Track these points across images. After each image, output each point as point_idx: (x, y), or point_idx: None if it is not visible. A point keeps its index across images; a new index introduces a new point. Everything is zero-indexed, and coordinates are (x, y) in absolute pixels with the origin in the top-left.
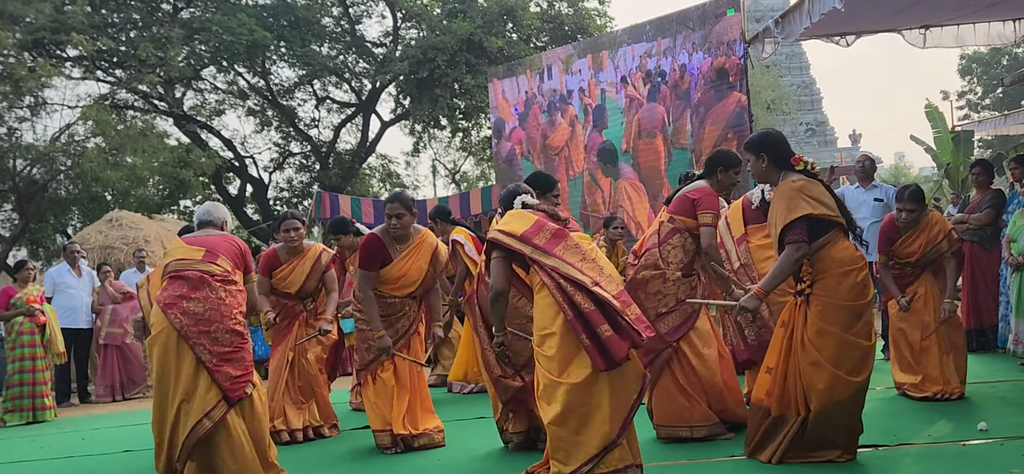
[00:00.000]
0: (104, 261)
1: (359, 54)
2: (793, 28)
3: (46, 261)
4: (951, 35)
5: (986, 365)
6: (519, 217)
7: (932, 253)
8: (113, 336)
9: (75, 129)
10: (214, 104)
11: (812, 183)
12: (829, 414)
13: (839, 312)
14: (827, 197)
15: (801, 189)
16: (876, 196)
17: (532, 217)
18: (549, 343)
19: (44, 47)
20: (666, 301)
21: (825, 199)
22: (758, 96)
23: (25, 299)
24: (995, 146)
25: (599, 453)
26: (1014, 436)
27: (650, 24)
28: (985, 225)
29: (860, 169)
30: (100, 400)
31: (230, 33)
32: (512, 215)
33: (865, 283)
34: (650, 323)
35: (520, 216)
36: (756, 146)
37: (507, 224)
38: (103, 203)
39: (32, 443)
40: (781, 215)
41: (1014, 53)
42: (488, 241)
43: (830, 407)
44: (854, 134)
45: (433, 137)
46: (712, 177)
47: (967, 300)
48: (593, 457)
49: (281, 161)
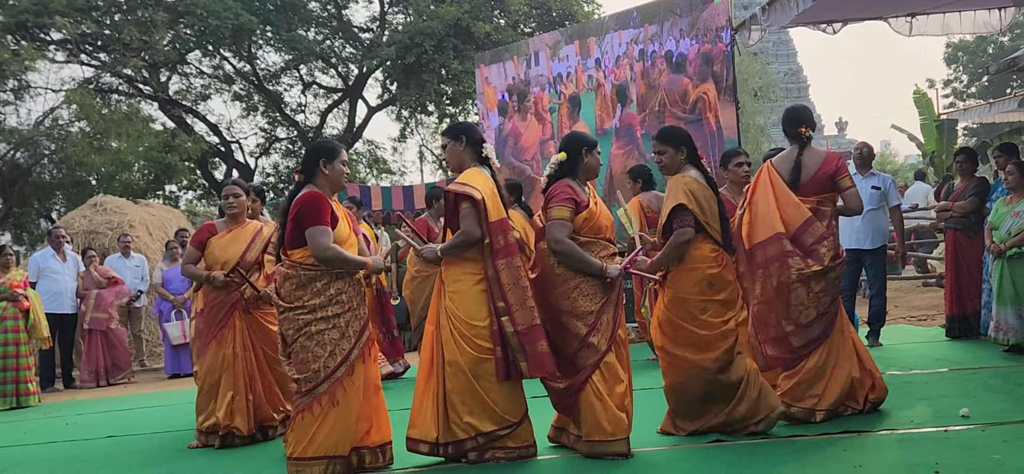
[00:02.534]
0: (89, 246)
1: (346, 39)
2: (781, 15)
3: (30, 246)
4: (937, 23)
5: (968, 351)
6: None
7: None
8: (98, 321)
9: (59, 113)
10: (199, 89)
11: (704, 187)
12: (684, 387)
13: (682, 303)
14: (708, 202)
15: (688, 185)
16: (874, 184)
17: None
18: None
19: (27, 30)
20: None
21: (705, 203)
22: (745, 84)
23: (8, 284)
24: (980, 134)
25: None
26: (995, 422)
27: (637, 10)
28: (969, 213)
29: (858, 156)
30: (84, 385)
31: (215, 17)
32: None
33: (712, 280)
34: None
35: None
36: (677, 139)
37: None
38: (87, 188)
39: (15, 428)
40: (670, 202)
41: (1000, 41)
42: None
43: (683, 381)
44: (841, 122)
45: (420, 123)
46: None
47: (950, 287)
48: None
49: (267, 146)
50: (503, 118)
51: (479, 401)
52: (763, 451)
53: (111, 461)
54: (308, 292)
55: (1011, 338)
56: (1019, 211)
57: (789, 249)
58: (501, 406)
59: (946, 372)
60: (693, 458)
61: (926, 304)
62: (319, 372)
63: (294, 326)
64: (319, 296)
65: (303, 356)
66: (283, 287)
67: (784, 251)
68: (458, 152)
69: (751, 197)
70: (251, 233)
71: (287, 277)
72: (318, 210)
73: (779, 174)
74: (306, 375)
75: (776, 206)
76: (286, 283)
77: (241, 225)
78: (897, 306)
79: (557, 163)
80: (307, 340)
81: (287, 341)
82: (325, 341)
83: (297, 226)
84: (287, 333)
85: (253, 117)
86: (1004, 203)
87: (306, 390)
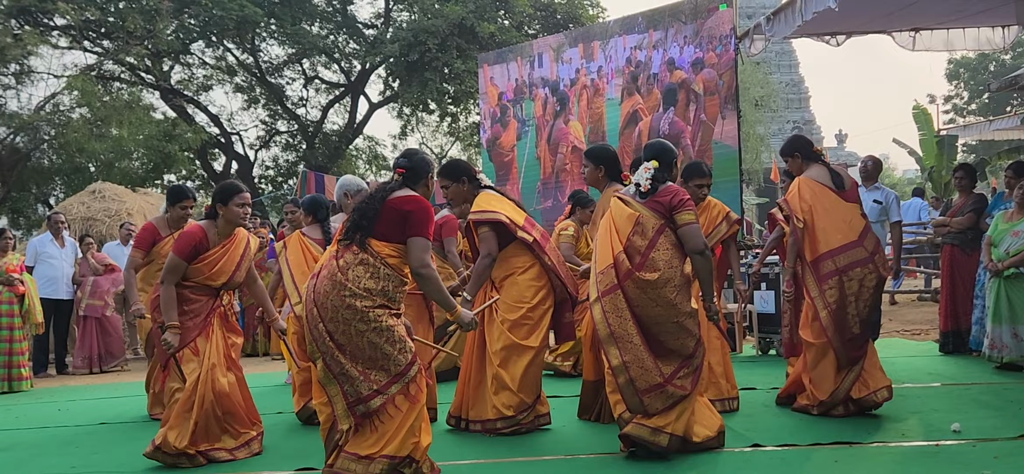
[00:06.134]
0: (86, 233)
1: (350, 35)
2: (785, 26)
3: (27, 231)
4: (941, 39)
5: (961, 367)
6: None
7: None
8: (93, 308)
9: (60, 99)
10: (202, 79)
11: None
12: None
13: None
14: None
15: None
16: (875, 198)
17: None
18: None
19: (31, 15)
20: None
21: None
22: (746, 93)
23: (4, 268)
24: (979, 151)
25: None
26: (987, 438)
27: (642, 16)
28: (966, 229)
29: (863, 169)
30: (77, 371)
31: (220, 8)
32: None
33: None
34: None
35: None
36: (597, 157)
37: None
38: (86, 174)
39: (7, 413)
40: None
41: (1001, 59)
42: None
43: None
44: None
45: (421, 121)
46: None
47: (945, 302)
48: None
49: (268, 139)
50: (557, 114)
51: (504, 385)
52: (755, 460)
53: (103, 447)
54: (379, 287)
55: (1006, 356)
56: (1018, 231)
57: (867, 254)
58: (525, 390)
59: (938, 386)
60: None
61: (920, 318)
62: (390, 370)
63: (362, 320)
64: (389, 296)
65: (371, 354)
66: (349, 274)
67: (864, 257)
68: (462, 191)
69: (802, 208)
70: (241, 247)
71: (362, 263)
72: (429, 222)
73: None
74: (376, 376)
75: (839, 215)
76: (358, 269)
77: (232, 239)
78: (891, 319)
79: (652, 169)
80: (378, 336)
81: (337, 338)
82: (394, 338)
83: (402, 225)
84: (348, 328)
85: (254, 109)
86: (1004, 219)
87: (378, 388)
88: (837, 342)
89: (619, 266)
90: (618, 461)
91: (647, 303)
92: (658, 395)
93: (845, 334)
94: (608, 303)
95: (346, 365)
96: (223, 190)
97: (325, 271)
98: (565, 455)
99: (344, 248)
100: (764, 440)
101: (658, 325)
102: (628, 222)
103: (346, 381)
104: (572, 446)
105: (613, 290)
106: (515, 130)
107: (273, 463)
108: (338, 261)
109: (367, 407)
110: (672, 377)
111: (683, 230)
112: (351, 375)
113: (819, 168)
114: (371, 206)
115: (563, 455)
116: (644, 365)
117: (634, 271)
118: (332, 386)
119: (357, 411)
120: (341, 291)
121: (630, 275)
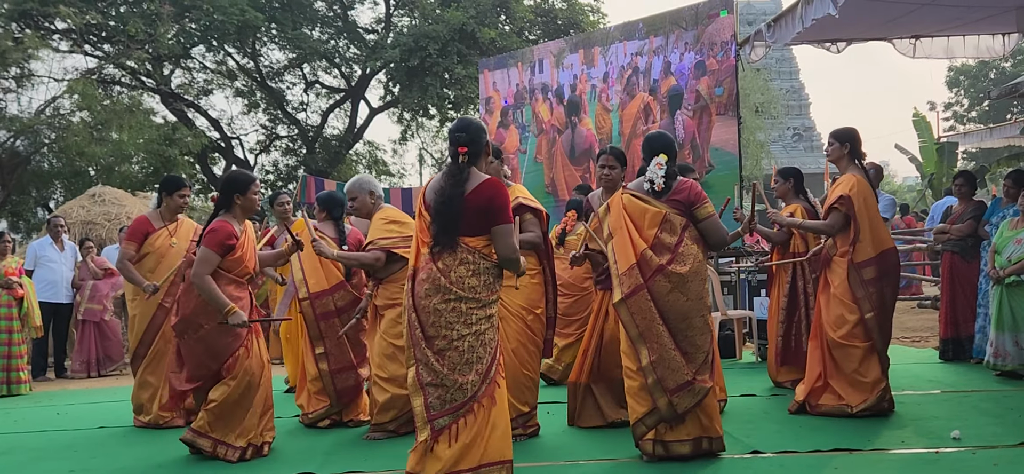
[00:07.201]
0: (86, 237)
1: (350, 39)
2: (785, 32)
3: (26, 234)
4: (941, 46)
5: (961, 375)
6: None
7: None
8: (92, 312)
9: (61, 102)
10: (202, 83)
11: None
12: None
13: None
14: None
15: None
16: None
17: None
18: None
19: (31, 18)
20: None
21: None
22: (746, 99)
23: (3, 271)
24: (979, 159)
25: None
26: (987, 445)
27: (643, 22)
28: (966, 236)
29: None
30: (76, 375)
31: (221, 12)
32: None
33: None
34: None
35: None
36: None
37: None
38: (86, 178)
39: (6, 416)
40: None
41: (1002, 67)
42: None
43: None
44: None
45: (421, 126)
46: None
47: (945, 309)
48: None
49: (268, 144)
50: (576, 118)
51: (520, 386)
52: (755, 466)
53: (101, 451)
54: (481, 283)
55: (1009, 364)
56: (1021, 238)
57: (897, 259)
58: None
59: (938, 394)
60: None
61: (920, 325)
62: (482, 373)
63: (463, 321)
64: (491, 290)
65: (469, 356)
66: (453, 274)
67: (899, 261)
68: (496, 168)
69: (855, 212)
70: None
71: (462, 263)
72: (507, 205)
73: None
74: (470, 378)
75: (880, 222)
76: (459, 268)
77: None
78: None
79: (664, 165)
80: (475, 339)
81: (431, 336)
82: (487, 341)
83: (485, 216)
84: (447, 326)
85: (254, 114)
86: (1010, 226)
87: (471, 395)
88: (881, 344)
89: (646, 263)
90: (619, 466)
91: (677, 297)
92: (686, 392)
93: (887, 337)
94: (634, 304)
95: (442, 372)
96: (239, 180)
97: (422, 274)
98: (565, 461)
99: (437, 254)
100: (764, 447)
101: (685, 320)
102: (654, 220)
103: (435, 390)
104: (572, 451)
105: (639, 290)
106: (516, 135)
107: (273, 465)
108: (437, 264)
109: (455, 416)
110: (697, 373)
111: (704, 224)
112: (445, 384)
113: (861, 171)
114: (453, 208)
115: (563, 461)
116: (673, 363)
117: (666, 266)
118: (417, 397)
119: (436, 425)
120: (445, 294)
121: (661, 270)
